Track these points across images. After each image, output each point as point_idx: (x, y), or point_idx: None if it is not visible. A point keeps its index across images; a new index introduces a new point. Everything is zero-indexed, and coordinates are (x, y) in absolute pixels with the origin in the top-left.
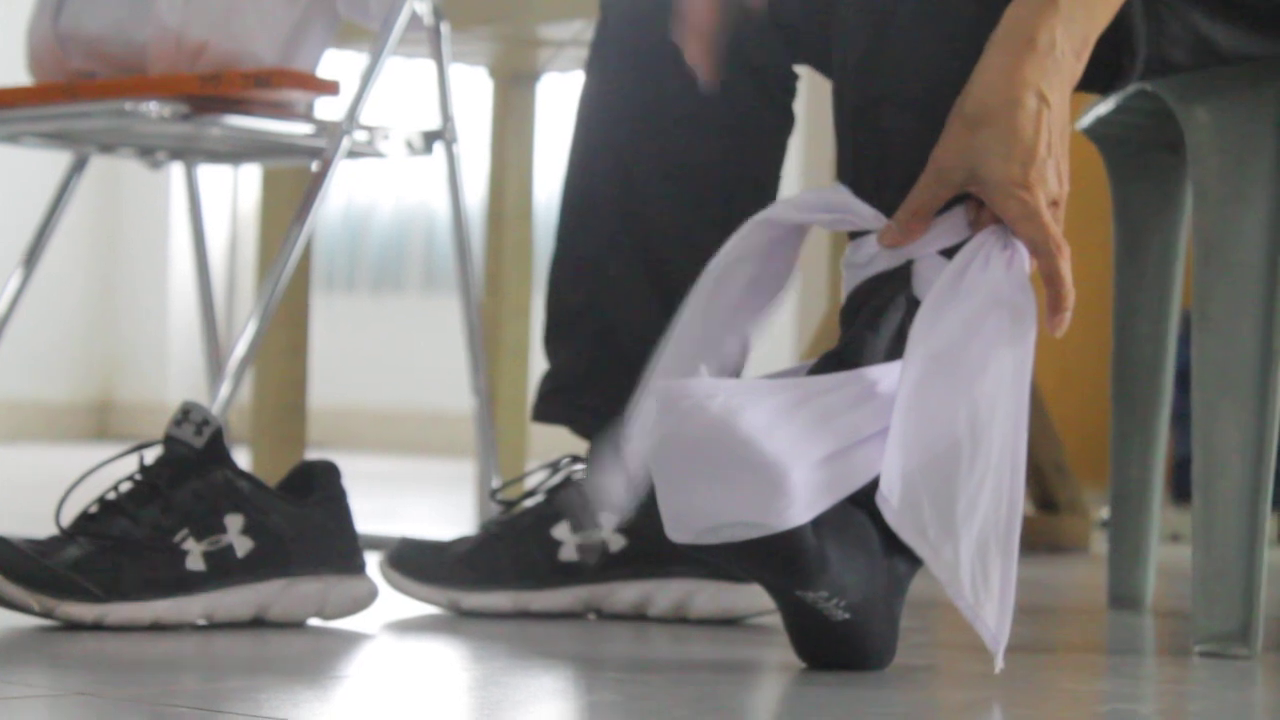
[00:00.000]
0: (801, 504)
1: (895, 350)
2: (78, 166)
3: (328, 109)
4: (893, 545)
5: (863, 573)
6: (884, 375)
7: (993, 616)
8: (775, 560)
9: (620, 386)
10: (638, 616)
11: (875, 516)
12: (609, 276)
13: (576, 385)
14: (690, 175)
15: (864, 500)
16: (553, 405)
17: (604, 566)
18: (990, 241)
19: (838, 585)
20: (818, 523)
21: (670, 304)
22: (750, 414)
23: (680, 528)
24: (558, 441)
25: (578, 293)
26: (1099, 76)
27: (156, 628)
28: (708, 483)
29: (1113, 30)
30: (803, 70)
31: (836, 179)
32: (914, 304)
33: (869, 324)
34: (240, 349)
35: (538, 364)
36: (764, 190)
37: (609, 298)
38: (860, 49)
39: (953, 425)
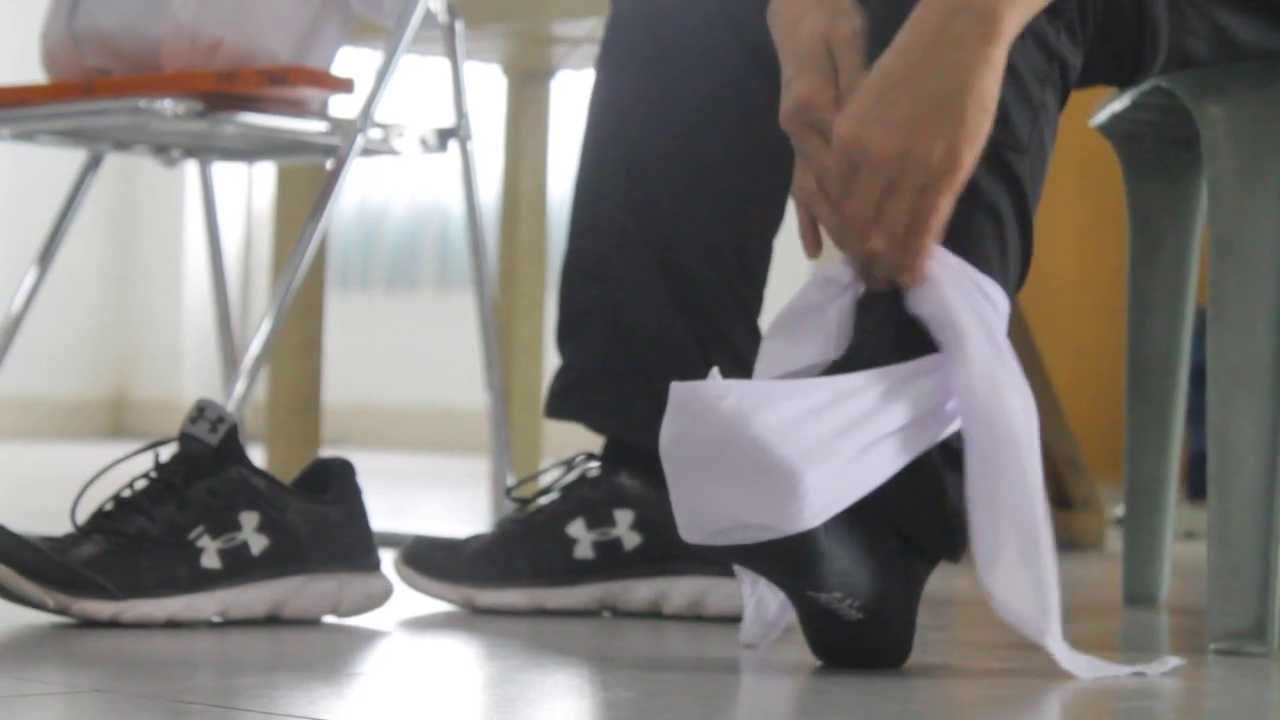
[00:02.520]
0: (815, 507)
1: (901, 350)
2: (92, 164)
3: (342, 106)
4: (908, 544)
5: (876, 573)
6: (896, 376)
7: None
8: (787, 562)
9: (633, 382)
10: (653, 614)
11: (889, 515)
12: (621, 272)
13: (589, 381)
14: (701, 170)
15: (878, 500)
16: (565, 401)
17: (620, 564)
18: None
19: (851, 586)
20: (830, 524)
21: (682, 299)
22: (763, 416)
23: (692, 528)
24: (572, 438)
25: (590, 289)
26: (1120, 69)
27: (172, 625)
28: (720, 484)
29: (1136, 23)
30: None
31: None
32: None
33: (872, 327)
34: (255, 346)
35: (552, 361)
36: (776, 186)
37: (621, 294)
38: (880, 48)
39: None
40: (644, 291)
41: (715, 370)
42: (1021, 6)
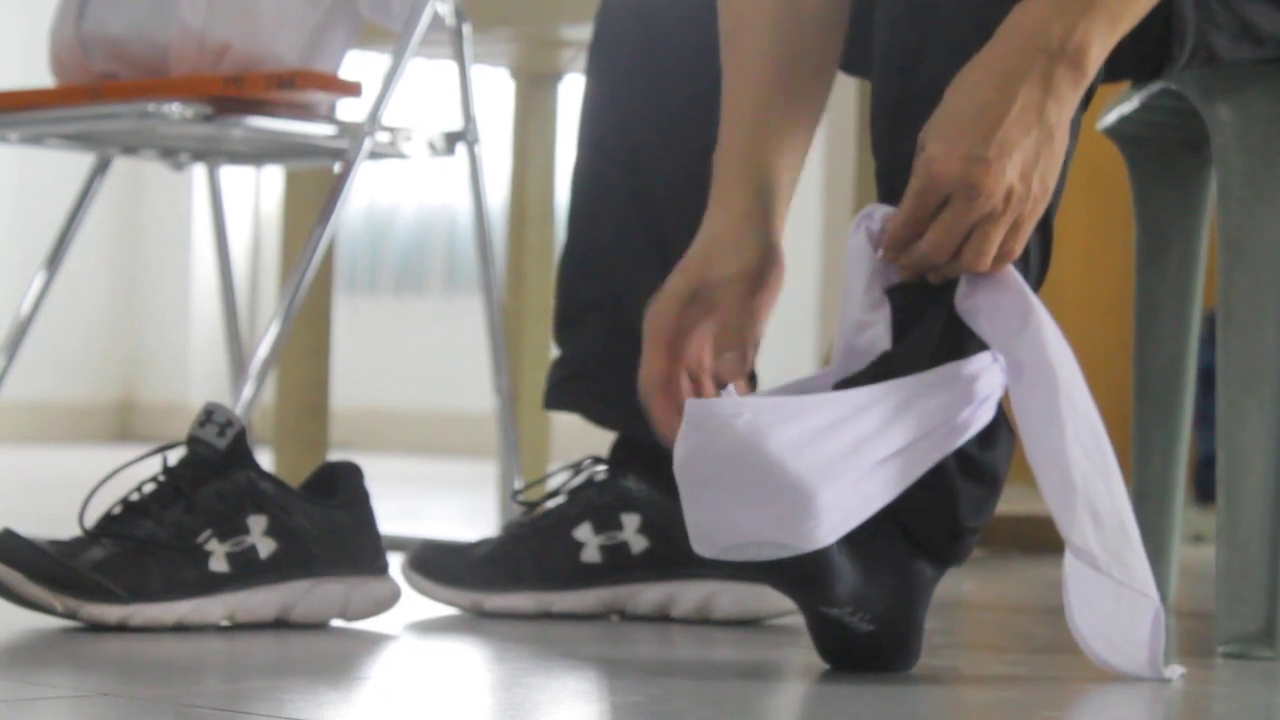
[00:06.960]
0: (828, 525)
1: (933, 357)
2: (100, 168)
3: (350, 110)
4: (918, 550)
5: (887, 587)
6: (911, 389)
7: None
8: (800, 578)
9: (632, 373)
10: (661, 618)
11: (900, 523)
12: (622, 265)
13: (588, 372)
14: (698, 162)
15: (890, 507)
16: (564, 392)
17: (627, 568)
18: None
19: (862, 601)
20: (842, 539)
21: None
22: (778, 433)
23: (705, 542)
24: (580, 442)
25: (590, 282)
26: (1146, 64)
27: (180, 629)
28: (734, 501)
29: (1164, 19)
30: None
31: (876, 176)
32: (951, 310)
33: (898, 334)
34: (263, 350)
35: None
36: None
37: (622, 286)
38: (901, 44)
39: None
40: (643, 283)
41: (730, 386)
42: (1102, 44)
